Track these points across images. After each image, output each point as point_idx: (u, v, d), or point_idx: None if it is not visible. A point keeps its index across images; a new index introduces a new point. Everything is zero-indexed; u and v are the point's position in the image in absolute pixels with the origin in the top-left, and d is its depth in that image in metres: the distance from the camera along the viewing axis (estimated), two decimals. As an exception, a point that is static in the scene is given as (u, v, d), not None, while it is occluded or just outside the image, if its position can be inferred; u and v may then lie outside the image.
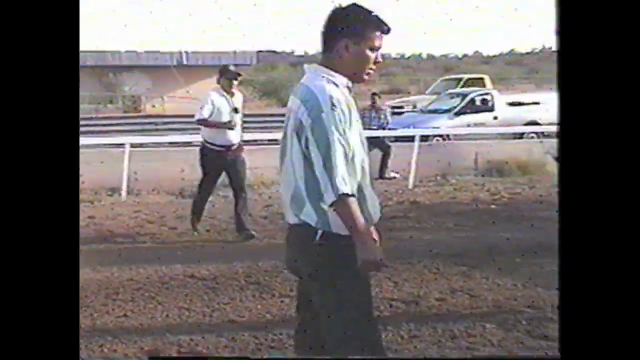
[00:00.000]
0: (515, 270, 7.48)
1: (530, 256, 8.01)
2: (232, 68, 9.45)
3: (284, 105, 13.20)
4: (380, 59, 3.56)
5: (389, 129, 16.79)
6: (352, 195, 3.30)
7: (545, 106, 23.70)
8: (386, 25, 3.54)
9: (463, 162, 15.69)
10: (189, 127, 22.84)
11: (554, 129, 16.56)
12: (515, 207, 11.86)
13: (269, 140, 12.46)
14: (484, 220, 10.61)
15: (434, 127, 20.57)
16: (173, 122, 25.84)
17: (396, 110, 27.54)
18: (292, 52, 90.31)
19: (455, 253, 8.29)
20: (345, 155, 3.33)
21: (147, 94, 35.54)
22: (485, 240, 9.04)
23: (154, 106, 35.05)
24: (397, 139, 16.44)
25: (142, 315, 6.25)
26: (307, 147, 3.36)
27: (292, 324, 5.68)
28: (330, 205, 3.29)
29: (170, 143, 16.66)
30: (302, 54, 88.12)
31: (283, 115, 3.67)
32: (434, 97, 28.05)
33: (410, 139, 15.25)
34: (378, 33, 3.52)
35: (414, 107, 29.26)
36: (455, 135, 19.38)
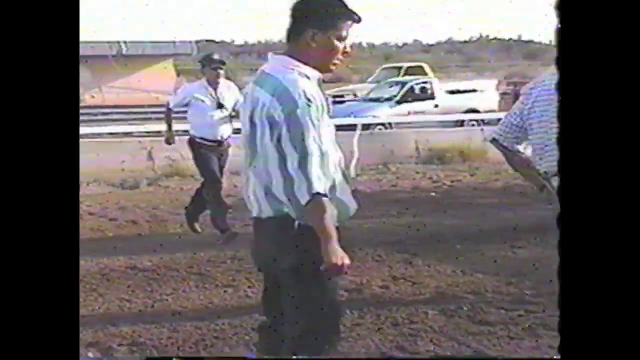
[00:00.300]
0: (457, 257, 7.56)
1: (471, 243, 8.11)
2: (215, 56, 8.62)
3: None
4: (348, 49, 3.43)
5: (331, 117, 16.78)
6: (326, 195, 3.24)
7: (484, 94, 24.07)
8: (356, 14, 3.40)
9: (404, 151, 15.76)
10: (129, 117, 22.76)
11: (493, 116, 16.82)
12: (456, 194, 11.99)
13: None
14: (425, 207, 10.68)
15: (375, 116, 20.63)
16: (113, 113, 25.52)
17: (337, 99, 27.52)
18: (233, 42, 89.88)
19: (397, 240, 8.34)
20: (321, 152, 3.24)
21: (86, 84, 35.06)
22: (426, 227, 9.11)
23: (92, 97, 34.63)
24: (338, 127, 16.41)
25: (83, 307, 6.16)
26: (278, 142, 3.24)
27: (234, 314, 5.73)
28: (305, 205, 3.20)
29: (110, 134, 16.52)
30: (242, 43, 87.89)
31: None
32: (375, 85, 28.15)
33: (352, 127, 15.29)
34: (347, 22, 3.39)
35: (355, 95, 29.33)
36: (396, 123, 19.47)
